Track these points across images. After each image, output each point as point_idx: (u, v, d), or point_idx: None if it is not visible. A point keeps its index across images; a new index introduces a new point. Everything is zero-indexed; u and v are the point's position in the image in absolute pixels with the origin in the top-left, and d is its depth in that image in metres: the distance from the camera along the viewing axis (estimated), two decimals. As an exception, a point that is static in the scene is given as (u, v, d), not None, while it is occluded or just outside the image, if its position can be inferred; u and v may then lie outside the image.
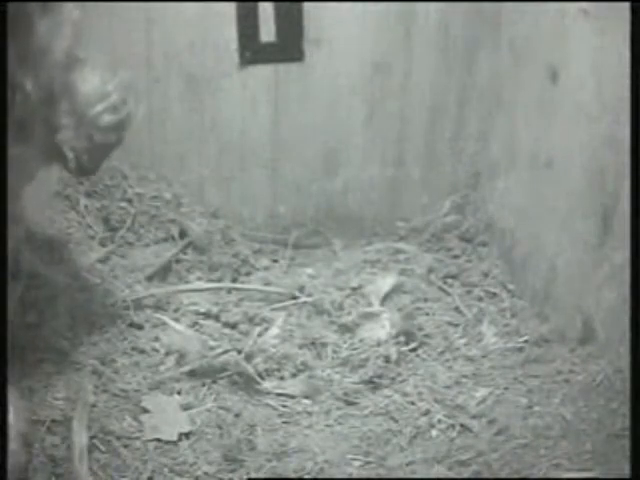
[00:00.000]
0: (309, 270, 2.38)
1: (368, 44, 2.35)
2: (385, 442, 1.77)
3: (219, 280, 2.26)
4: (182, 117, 2.36)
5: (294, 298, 2.20)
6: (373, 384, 1.95)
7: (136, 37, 2.24)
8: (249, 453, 1.71)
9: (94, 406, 1.73)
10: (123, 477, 1.60)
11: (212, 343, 1.98)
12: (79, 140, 1.66)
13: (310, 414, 1.87)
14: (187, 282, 2.24)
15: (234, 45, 2.29)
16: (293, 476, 1.65)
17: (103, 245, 2.21)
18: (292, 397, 1.91)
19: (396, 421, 1.83)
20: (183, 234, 2.33)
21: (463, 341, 2.10)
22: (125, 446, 1.67)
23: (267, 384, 1.93)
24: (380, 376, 1.96)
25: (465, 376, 1.96)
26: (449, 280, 2.33)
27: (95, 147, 1.70)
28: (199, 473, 1.64)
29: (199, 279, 2.26)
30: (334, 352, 2.04)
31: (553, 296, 2.09)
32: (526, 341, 2.06)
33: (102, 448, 1.65)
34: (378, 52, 2.36)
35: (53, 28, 1.53)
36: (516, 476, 1.60)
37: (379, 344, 2.03)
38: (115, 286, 2.09)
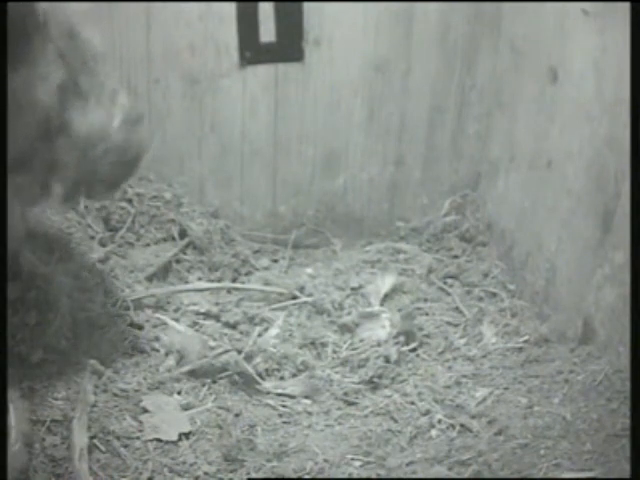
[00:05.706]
0: (309, 270, 2.38)
1: (368, 44, 2.35)
2: (385, 442, 1.77)
3: (219, 280, 2.27)
4: (182, 117, 2.36)
5: (294, 298, 2.20)
6: (373, 384, 1.95)
7: (136, 37, 2.24)
8: (249, 453, 1.71)
9: (94, 406, 1.73)
10: (123, 477, 1.60)
11: (212, 343, 1.98)
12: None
13: (310, 414, 1.88)
14: (187, 282, 2.24)
15: (234, 45, 2.29)
16: (293, 476, 1.65)
17: (103, 245, 2.21)
18: (292, 397, 1.92)
19: (396, 421, 1.83)
20: (183, 234, 2.33)
21: (463, 341, 2.10)
22: (125, 446, 1.67)
23: (267, 384, 1.93)
24: (380, 376, 1.96)
25: (465, 376, 1.96)
26: (449, 280, 2.34)
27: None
28: (199, 473, 1.64)
29: (199, 279, 2.26)
30: (334, 352, 2.05)
31: (553, 296, 2.09)
32: (526, 341, 2.06)
33: (102, 448, 1.65)
34: (378, 52, 2.36)
35: None
36: (516, 476, 1.60)
37: (379, 344, 2.03)
38: (115, 286, 2.09)
